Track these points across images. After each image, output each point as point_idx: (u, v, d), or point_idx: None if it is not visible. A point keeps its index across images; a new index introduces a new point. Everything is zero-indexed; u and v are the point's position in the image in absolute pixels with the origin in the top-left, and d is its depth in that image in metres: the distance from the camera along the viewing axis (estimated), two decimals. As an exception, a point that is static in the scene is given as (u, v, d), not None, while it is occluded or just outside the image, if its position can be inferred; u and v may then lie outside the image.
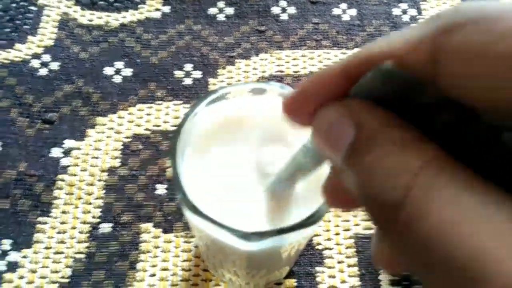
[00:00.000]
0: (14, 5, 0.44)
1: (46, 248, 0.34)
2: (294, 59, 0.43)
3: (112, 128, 0.39)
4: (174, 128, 0.39)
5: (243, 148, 0.25)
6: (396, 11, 0.47)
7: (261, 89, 0.26)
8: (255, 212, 0.25)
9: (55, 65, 0.42)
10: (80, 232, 0.34)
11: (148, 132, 0.39)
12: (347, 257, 0.34)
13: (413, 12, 0.47)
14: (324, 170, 0.20)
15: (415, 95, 0.13)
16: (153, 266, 0.33)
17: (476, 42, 0.11)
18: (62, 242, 0.34)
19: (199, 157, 0.25)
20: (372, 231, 0.35)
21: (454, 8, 0.12)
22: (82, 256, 0.34)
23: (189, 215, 0.24)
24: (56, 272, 0.33)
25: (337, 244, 0.35)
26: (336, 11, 0.46)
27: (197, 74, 0.42)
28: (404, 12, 0.47)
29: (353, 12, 0.46)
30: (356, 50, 0.43)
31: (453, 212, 0.11)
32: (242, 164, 0.25)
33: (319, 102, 0.15)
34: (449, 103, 0.13)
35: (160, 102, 0.40)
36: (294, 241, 0.26)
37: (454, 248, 0.10)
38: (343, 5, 0.47)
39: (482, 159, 0.13)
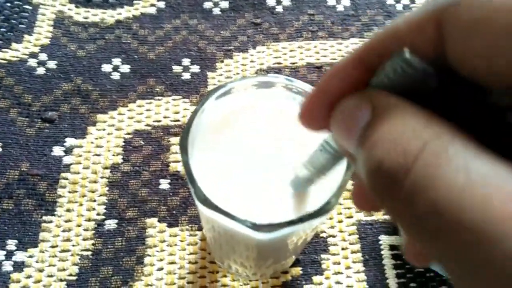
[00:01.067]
0: (8, 4, 0.44)
1: (52, 246, 0.34)
2: (291, 50, 0.44)
3: (112, 125, 0.39)
4: (175, 123, 0.39)
5: (251, 140, 0.26)
6: (389, 0, 0.47)
7: (268, 82, 0.27)
8: (266, 203, 0.25)
9: (52, 64, 0.41)
10: (86, 230, 0.35)
11: (149, 128, 0.39)
12: (351, 244, 0.35)
13: (406, 0, 0.47)
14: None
15: (428, 81, 0.13)
16: (160, 260, 0.34)
17: (475, 17, 0.12)
18: (68, 240, 0.34)
19: (208, 151, 0.25)
20: (373, 217, 0.36)
21: None
22: (89, 253, 0.34)
23: (201, 207, 0.24)
24: (63, 270, 0.33)
25: (341, 231, 0.35)
26: (330, 1, 0.47)
27: (195, 68, 0.42)
28: (397, 1, 0.47)
29: (347, 2, 0.47)
30: (351, 40, 0.43)
31: (463, 178, 0.10)
32: (251, 156, 0.26)
33: (337, 98, 0.15)
34: (461, 86, 0.13)
35: (159, 97, 0.40)
36: (302, 232, 0.27)
37: (465, 211, 0.10)
38: (337, -4, 0.47)
39: (490, 138, 0.14)
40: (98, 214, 0.35)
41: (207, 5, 0.46)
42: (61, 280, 0.33)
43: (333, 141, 0.19)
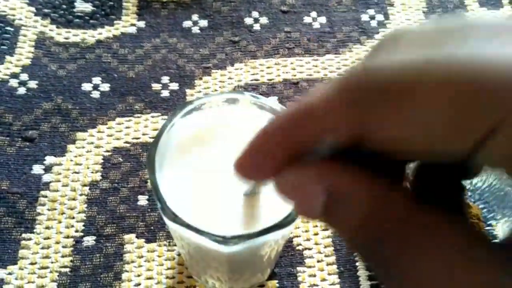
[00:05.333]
0: (-10, 26, 0.45)
1: (31, 263, 0.34)
2: (268, 67, 0.45)
3: (92, 143, 0.39)
4: (152, 139, 0.40)
5: (219, 155, 0.26)
6: (364, 17, 0.49)
7: (234, 99, 0.28)
8: (233, 216, 0.26)
9: (33, 84, 0.42)
10: (64, 247, 0.35)
11: (128, 145, 0.40)
12: (326, 256, 0.35)
13: (380, 17, 0.49)
14: None
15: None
16: (138, 275, 0.34)
17: (400, 112, 0.12)
18: (46, 257, 0.35)
19: (176, 167, 0.26)
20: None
21: (362, 66, 0.13)
22: (67, 270, 0.34)
23: (169, 223, 0.24)
24: (42, 287, 0.33)
25: (316, 243, 0.36)
26: (306, 19, 0.48)
27: (174, 86, 0.43)
28: (372, 17, 0.49)
29: (323, 19, 0.48)
30: (327, 56, 0.44)
31: (420, 259, 0.12)
32: (219, 171, 0.26)
33: (273, 163, 0.15)
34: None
35: (138, 115, 0.41)
36: (273, 242, 0.27)
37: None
38: (313, 13, 0.48)
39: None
40: (76, 231, 0.36)
41: (187, 24, 0.47)
42: (39, 298, 0.33)
43: None
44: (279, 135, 0.15)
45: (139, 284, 0.34)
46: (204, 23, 0.47)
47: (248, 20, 0.48)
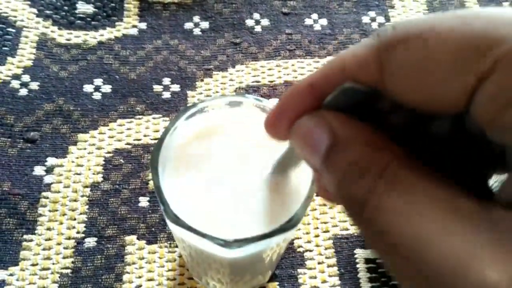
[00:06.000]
0: (-8, 27, 0.45)
1: (33, 265, 0.34)
2: (269, 69, 0.45)
3: (93, 144, 0.40)
4: (155, 141, 0.40)
5: (222, 158, 0.26)
6: (365, 19, 0.49)
7: (237, 101, 0.28)
8: (237, 220, 0.26)
9: (34, 85, 0.42)
10: (65, 248, 0.35)
11: (129, 147, 0.40)
12: (327, 258, 0.35)
13: (381, 19, 0.49)
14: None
15: (375, 102, 0.15)
16: (139, 277, 0.34)
17: (412, 58, 0.14)
18: (48, 258, 0.35)
19: (180, 169, 0.26)
20: (349, 231, 0.37)
21: (393, 25, 0.14)
22: (68, 271, 0.34)
23: (171, 226, 0.25)
24: (43, 288, 0.34)
25: (317, 245, 0.36)
26: (308, 21, 0.48)
27: (176, 87, 0.43)
28: (373, 19, 0.49)
29: (324, 21, 0.48)
30: (328, 58, 0.45)
31: (404, 201, 0.13)
32: (222, 174, 0.27)
33: (295, 116, 0.17)
34: (400, 107, 0.15)
35: (140, 116, 0.41)
36: (275, 245, 0.27)
37: (402, 231, 0.12)
38: (314, 15, 0.48)
39: (438, 146, 0.15)
40: (78, 232, 0.36)
41: (188, 25, 0.47)
42: (40, 299, 0.33)
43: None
44: (306, 90, 0.17)
45: (140, 286, 0.34)
46: (205, 24, 0.47)
47: (249, 22, 0.48)
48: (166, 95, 0.43)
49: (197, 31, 0.47)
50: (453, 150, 0.16)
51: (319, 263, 0.35)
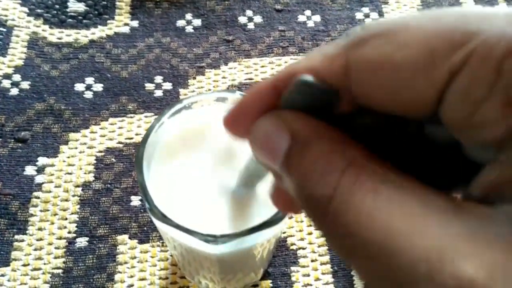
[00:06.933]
0: (-18, 27, 0.44)
1: (24, 265, 0.34)
2: (262, 66, 0.44)
3: (85, 143, 0.39)
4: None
5: (207, 155, 0.26)
6: (358, 15, 0.48)
7: (224, 98, 0.27)
8: (222, 216, 0.26)
9: (25, 84, 0.42)
10: (57, 248, 0.35)
11: (121, 145, 0.39)
12: (320, 255, 0.35)
13: (375, 15, 0.48)
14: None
15: (335, 104, 0.14)
16: (131, 276, 0.34)
17: (378, 53, 0.13)
18: (39, 258, 0.34)
19: (165, 166, 0.26)
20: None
21: (362, 25, 0.14)
22: (60, 271, 0.34)
23: (158, 223, 0.24)
24: (35, 288, 0.33)
25: (310, 243, 0.36)
26: (301, 18, 0.48)
27: (168, 85, 0.43)
28: (367, 16, 0.48)
29: (317, 18, 0.48)
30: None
31: (370, 201, 0.12)
32: (207, 171, 0.26)
33: (255, 115, 0.16)
34: (365, 109, 0.14)
35: (132, 115, 0.41)
36: (264, 241, 0.27)
37: (370, 230, 0.12)
38: (308, 12, 0.48)
39: (407, 153, 0.14)
40: (69, 232, 0.35)
41: (180, 23, 0.47)
42: (32, 299, 0.33)
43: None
44: (269, 89, 0.16)
45: (132, 285, 0.34)
46: (197, 22, 0.47)
47: (242, 19, 0.47)
48: (158, 93, 0.42)
49: (189, 29, 0.47)
50: (419, 153, 0.15)
51: (312, 260, 0.35)
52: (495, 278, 0.10)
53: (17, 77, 0.42)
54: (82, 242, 0.35)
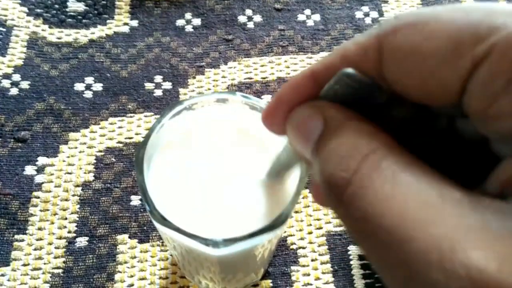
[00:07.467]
0: (-19, 27, 0.44)
1: (24, 265, 0.34)
2: (262, 65, 0.44)
3: (84, 143, 0.39)
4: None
5: (208, 156, 0.26)
6: (358, 14, 0.48)
7: (224, 99, 0.27)
8: (225, 218, 0.26)
9: (25, 84, 0.42)
10: (57, 248, 0.35)
11: (120, 145, 0.39)
12: (320, 255, 0.35)
13: (374, 14, 0.48)
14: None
15: (373, 95, 0.15)
16: (131, 276, 0.34)
17: (408, 42, 0.14)
18: (39, 258, 0.34)
19: (166, 168, 0.26)
20: (342, 228, 0.36)
21: (395, 15, 0.15)
22: (60, 271, 0.34)
23: (158, 226, 0.24)
24: (35, 288, 0.33)
25: (310, 242, 0.36)
26: (300, 17, 0.48)
27: (167, 85, 0.43)
28: (366, 14, 0.48)
29: (317, 17, 0.48)
30: (321, 54, 0.44)
31: (389, 188, 0.12)
32: (208, 172, 0.26)
33: (292, 107, 0.17)
34: (402, 100, 0.15)
35: (131, 114, 0.41)
36: (265, 243, 0.27)
37: (386, 217, 0.12)
38: (307, 11, 0.48)
39: (436, 147, 0.15)
40: (69, 232, 0.35)
41: (180, 22, 0.47)
42: (32, 299, 0.33)
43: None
44: (306, 80, 0.16)
45: (132, 285, 0.34)
46: (197, 21, 0.47)
47: (242, 18, 0.47)
48: (158, 92, 0.42)
49: (189, 28, 0.47)
50: (449, 148, 0.16)
51: (312, 260, 0.35)
52: (505, 270, 0.10)
53: (16, 77, 0.42)
54: (82, 241, 0.35)
